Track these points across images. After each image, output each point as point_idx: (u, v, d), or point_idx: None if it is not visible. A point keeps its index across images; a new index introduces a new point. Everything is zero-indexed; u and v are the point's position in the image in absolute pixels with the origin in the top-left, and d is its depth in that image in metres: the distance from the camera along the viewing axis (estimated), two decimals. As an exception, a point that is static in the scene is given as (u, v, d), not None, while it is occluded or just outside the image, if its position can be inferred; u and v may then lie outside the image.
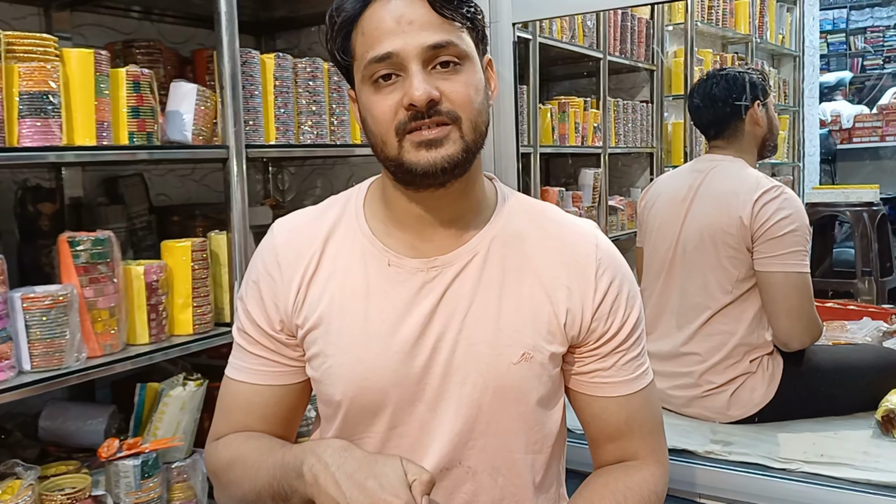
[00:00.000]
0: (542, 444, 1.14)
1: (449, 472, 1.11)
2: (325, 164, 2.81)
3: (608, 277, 1.12)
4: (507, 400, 1.09)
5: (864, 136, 6.33)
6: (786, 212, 2.14)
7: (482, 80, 1.06)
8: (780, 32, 6.13)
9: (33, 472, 1.64)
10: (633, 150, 4.50)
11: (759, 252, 2.17)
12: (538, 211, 1.18)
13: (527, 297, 1.09)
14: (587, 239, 1.14)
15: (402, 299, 1.08)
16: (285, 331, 1.13)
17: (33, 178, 2.10)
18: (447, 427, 1.09)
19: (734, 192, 2.22)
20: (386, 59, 0.99)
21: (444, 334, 1.08)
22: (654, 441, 1.17)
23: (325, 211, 1.17)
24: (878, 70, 8.51)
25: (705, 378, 2.26)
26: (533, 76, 3.55)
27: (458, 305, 1.08)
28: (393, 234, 1.11)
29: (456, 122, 1.01)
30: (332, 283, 1.11)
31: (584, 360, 1.14)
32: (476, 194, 1.12)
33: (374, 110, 1.02)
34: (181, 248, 1.91)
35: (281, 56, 2.17)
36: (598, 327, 1.11)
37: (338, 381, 1.10)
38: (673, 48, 4.74)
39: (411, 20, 0.98)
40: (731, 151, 2.35)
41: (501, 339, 1.08)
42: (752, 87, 2.34)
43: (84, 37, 2.18)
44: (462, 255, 1.09)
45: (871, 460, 2.02)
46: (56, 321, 1.62)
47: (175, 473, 1.86)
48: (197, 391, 1.89)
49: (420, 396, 1.09)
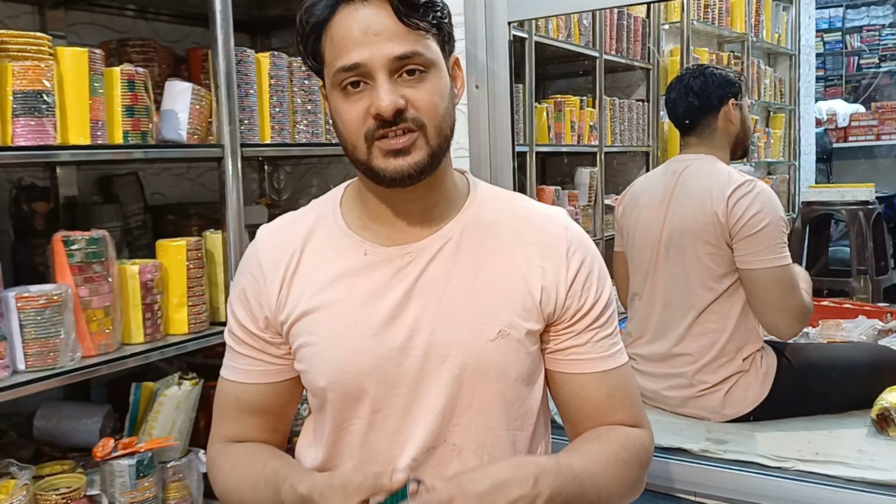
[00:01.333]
0: (523, 420, 1.17)
1: (435, 451, 1.13)
2: (321, 163, 2.81)
3: (580, 256, 1.17)
4: (486, 376, 1.12)
5: (859, 134, 6.34)
6: (758, 206, 2.16)
7: (447, 84, 1.10)
8: (777, 31, 6.14)
9: (28, 471, 1.64)
10: (629, 149, 4.50)
11: (739, 250, 2.19)
12: (509, 199, 1.23)
13: (501, 277, 1.14)
14: (557, 222, 1.19)
15: (379, 284, 1.13)
16: (270, 329, 1.17)
17: (27, 178, 2.10)
18: (430, 406, 1.12)
19: (707, 189, 2.24)
20: (354, 69, 1.03)
21: (422, 316, 1.11)
22: (635, 414, 1.20)
23: (305, 213, 1.23)
24: (873, 69, 8.53)
25: (699, 378, 2.27)
26: (529, 75, 3.55)
27: (433, 288, 1.12)
28: (369, 227, 1.16)
29: (421, 129, 1.05)
30: (313, 278, 1.15)
31: (560, 337, 1.17)
32: (446, 187, 1.16)
33: (343, 116, 1.06)
34: (176, 248, 1.91)
35: (276, 55, 2.17)
36: (572, 304, 1.16)
37: (320, 367, 1.14)
38: (669, 47, 4.74)
39: (378, 31, 1.02)
40: (704, 148, 2.36)
41: (478, 317, 1.12)
42: (729, 84, 2.36)
43: (78, 35, 2.18)
44: (435, 242, 1.14)
45: (865, 458, 2.02)
46: (50, 321, 1.62)
47: (170, 473, 1.86)
48: (192, 391, 1.89)
49: (400, 378, 1.12)
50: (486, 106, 2.39)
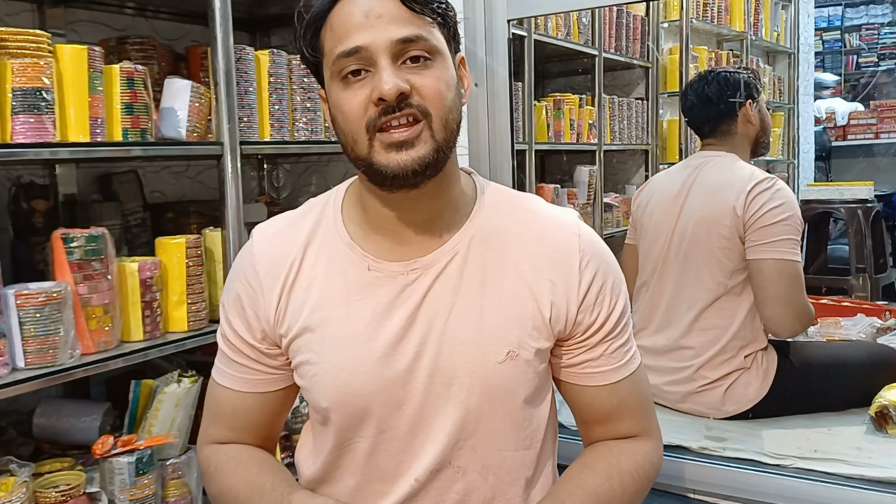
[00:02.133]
0: (531, 439, 1.14)
1: (439, 473, 1.11)
2: (321, 161, 2.81)
3: (592, 268, 1.11)
4: (494, 399, 1.08)
5: (858, 133, 6.34)
6: (778, 201, 2.16)
7: (454, 76, 1.04)
8: (775, 29, 6.14)
9: (27, 469, 1.64)
10: (628, 147, 4.50)
11: (750, 240, 2.18)
12: (518, 203, 1.16)
13: (509, 294, 1.09)
14: (569, 230, 1.13)
15: (383, 304, 1.08)
16: (267, 340, 1.13)
17: (27, 175, 2.10)
18: (437, 429, 1.09)
19: (728, 183, 2.24)
20: (355, 54, 0.98)
21: (428, 337, 1.07)
22: (645, 420, 1.18)
23: (304, 215, 1.16)
24: (872, 67, 8.54)
25: (700, 373, 2.27)
26: (528, 73, 3.55)
27: (440, 307, 1.07)
28: (371, 238, 1.10)
29: (427, 118, 0.99)
30: (313, 291, 1.10)
31: (573, 351, 1.14)
32: (453, 192, 1.10)
33: (343, 107, 1.01)
34: (176, 245, 1.91)
35: (275, 52, 2.17)
36: (584, 319, 1.11)
37: (323, 388, 1.10)
38: (668, 45, 4.75)
39: (380, 14, 0.97)
40: (724, 149, 2.37)
41: (485, 338, 1.07)
42: (745, 86, 2.36)
43: (77, 33, 2.18)
44: (442, 256, 1.08)
45: (864, 456, 2.03)
46: (50, 318, 1.62)
47: (170, 470, 1.86)
48: (192, 388, 1.89)
49: (406, 400, 1.08)
50: (485, 104, 2.40)
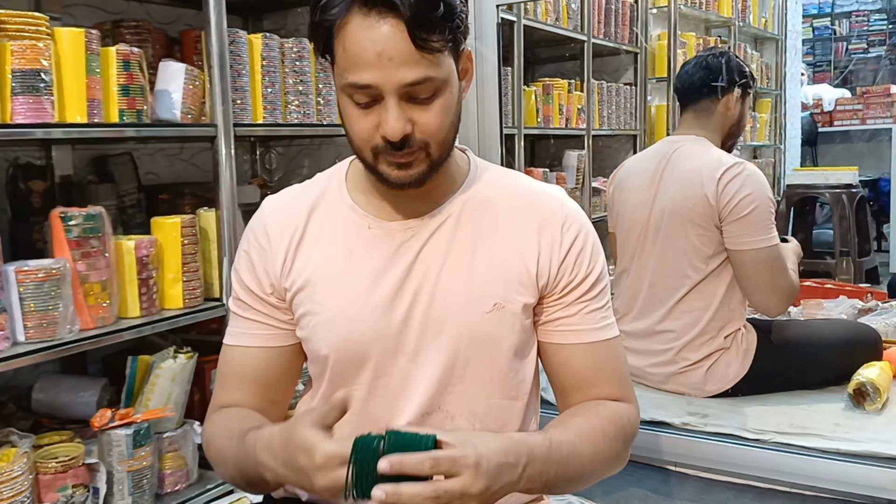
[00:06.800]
0: (517, 391, 1.21)
1: (429, 417, 1.18)
2: (312, 143, 2.84)
3: (574, 231, 1.20)
4: (481, 347, 1.16)
5: (845, 119, 6.39)
6: (748, 189, 2.21)
7: (455, 94, 1.12)
8: (763, 16, 6.18)
9: (28, 440, 1.68)
10: (616, 133, 4.54)
11: (728, 232, 2.24)
12: (509, 178, 1.27)
13: (498, 253, 1.18)
14: (554, 200, 1.23)
15: (381, 259, 1.17)
16: (275, 294, 1.21)
17: (24, 156, 2.13)
18: (426, 375, 1.16)
19: (697, 170, 2.28)
20: (365, 89, 1.05)
21: (421, 289, 1.16)
22: (622, 388, 1.23)
23: (311, 186, 1.26)
24: (861, 54, 8.59)
25: (681, 355, 2.32)
26: (517, 58, 3.58)
27: (433, 263, 1.16)
28: (372, 201, 1.20)
29: (425, 148, 1.09)
30: (317, 249, 1.19)
31: (551, 308, 1.21)
32: (448, 168, 1.19)
33: (353, 125, 1.10)
34: (171, 224, 1.96)
35: (268, 36, 2.20)
36: (563, 277, 1.19)
37: (323, 336, 1.17)
38: (656, 31, 4.78)
39: (391, 56, 1.03)
40: (698, 130, 2.40)
41: (474, 291, 1.16)
42: (741, 76, 2.41)
43: (73, 17, 2.20)
44: (436, 218, 1.18)
45: (841, 431, 2.09)
46: (49, 294, 1.66)
47: (166, 443, 1.91)
48: (187, 363, 1.93)
49: (400, 348, 1.16)
50: (474, 89, 2.44)
